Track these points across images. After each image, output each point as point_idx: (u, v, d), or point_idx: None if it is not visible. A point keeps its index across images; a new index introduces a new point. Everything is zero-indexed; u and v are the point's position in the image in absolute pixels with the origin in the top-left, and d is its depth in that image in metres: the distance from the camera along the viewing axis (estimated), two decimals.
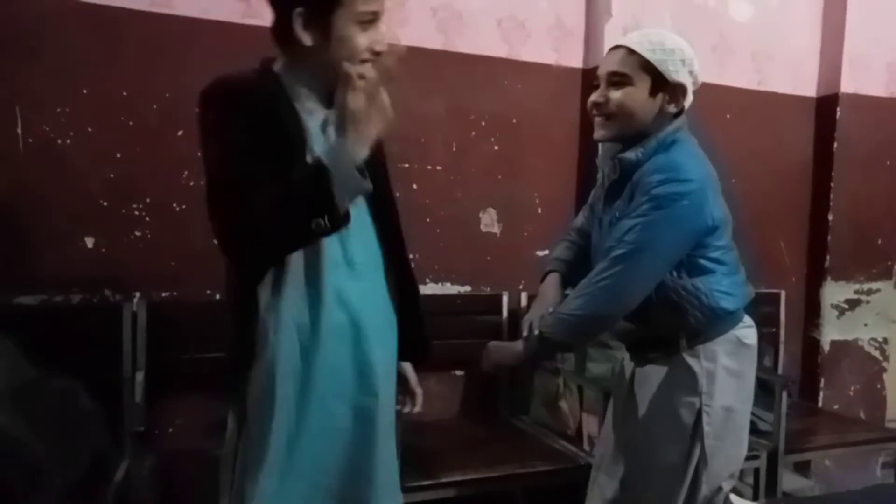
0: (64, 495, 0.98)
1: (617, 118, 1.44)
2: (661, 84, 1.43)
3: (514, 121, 2.60)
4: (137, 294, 2.11)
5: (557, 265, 1.66)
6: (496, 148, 2.58)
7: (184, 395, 2.15)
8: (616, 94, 1.43)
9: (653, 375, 1.53)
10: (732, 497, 1.53)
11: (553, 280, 1.63)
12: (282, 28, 1.24)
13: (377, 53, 1.24)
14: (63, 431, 0.96)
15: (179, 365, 2.11)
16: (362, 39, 1.23)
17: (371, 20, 1.23)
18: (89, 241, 2.08)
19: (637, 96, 1.42)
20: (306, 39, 1.21)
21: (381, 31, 1.26)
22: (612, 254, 1.39)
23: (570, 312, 1.43)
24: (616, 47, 1.46)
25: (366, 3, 1.21)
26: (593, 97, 1.46)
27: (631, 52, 1.43)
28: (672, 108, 1.45)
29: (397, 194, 2.40)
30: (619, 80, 1.43)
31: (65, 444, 0.94)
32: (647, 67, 1.42)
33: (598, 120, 1.48)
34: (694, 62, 1.46)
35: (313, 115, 1.28)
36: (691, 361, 1.47)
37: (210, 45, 2.17)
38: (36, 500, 0.94)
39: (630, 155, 1.44)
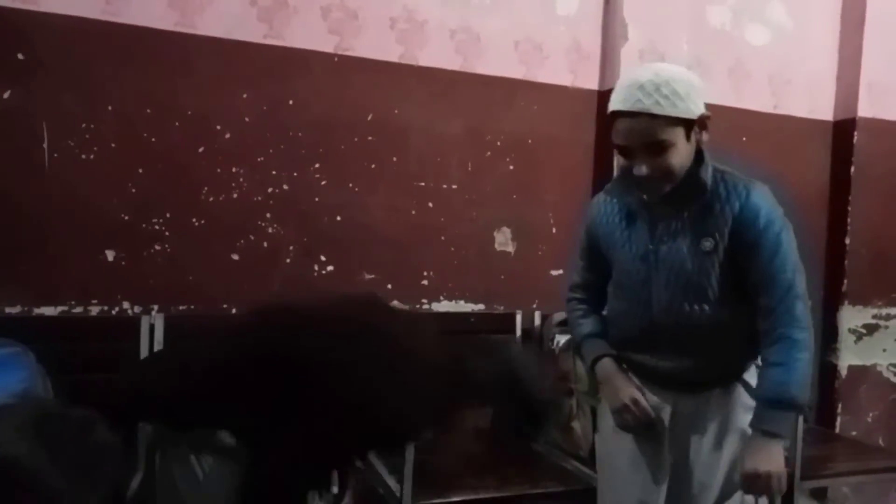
0: None
1: (669, 178, 1.40)
2: (690, 124, 1.39)
3: (530, 141, 2.62)
4: (155, 307, 2.14)
5: (602, 345, 1.63)
6: (511, 168, 2.60)
7: None
8: (661, 162, 1.38)
9: (710, 403, 1.53)
10: None
11: (614, 366, 1.60)
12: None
13: None
14: (83, 464, 0.97)
15: None
16: None
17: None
18: (110, 255, 2.11)
19: (680, 150, 1.39)
20: None
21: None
22: (781, 294, 1.41)
23: (806, 372, 1.40)
24: (634, 115, 1.36)
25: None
26: (641, 171, 1.38)
27: (654, 116, 1.35)
28: (705, 136, 1.44)
29: (412, 212, 2.46)
30: (657, 147, 1.37)
31: (84, 476, 0.95)
32: (676, 121, 1.37)
33: (649, 188, 1.43)
34: (699, 82, 1.42)
35: None
36: (749, 378, 1.52)
37: (232, 64, 2.22)
38: None
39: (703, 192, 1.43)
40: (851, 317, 3.02)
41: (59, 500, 0.89)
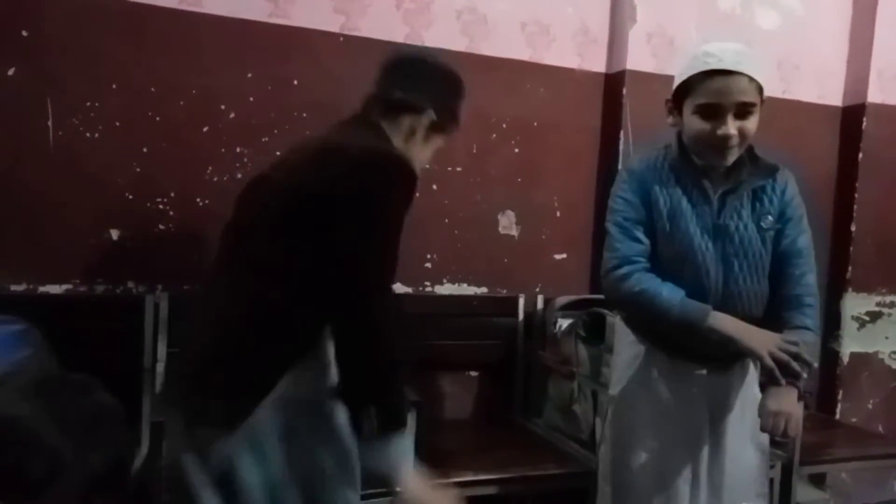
0: (84, 486, 1.01)
1: (744, 144, 1.51)
2: (762, 100, 1.51)
3: (536, 124, 2.60)
4: (160, 286, 2.15)
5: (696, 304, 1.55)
6: (517, 151, 2.59)
7: None
8: (745, 125, 1.47)
9: (734, 376, 1.64)
10: None
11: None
12: None
13: None
14: (84, 424, 0.99)
15: None
16: None
17: None
18: (114, 234, 2.12)
19: (757, 119, 1.50)
20: None
21: None
22: (806, 264, 1.58)
23: (814, 339, 1.56)
24: (732, 73, 1.44)
25: None
26: (729, 131, 1.45)
27: (751, 79, 1.45)
28: None
29: (416, 194, 2.44)
30: (747, 109, 1.47)
31: (85, 436, 0.97)
32: (761, 90, 1.49)
33: (726, 151, 1.49)
34: None
35: None
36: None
37: (237, 43, 2.21)
38: (55, 490, 0.97)
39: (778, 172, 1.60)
40: (855, 304, 3.02)
41: (60, 458, 0.90)
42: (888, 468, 2.88)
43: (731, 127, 1.45)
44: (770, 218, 1.57)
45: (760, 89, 1.48)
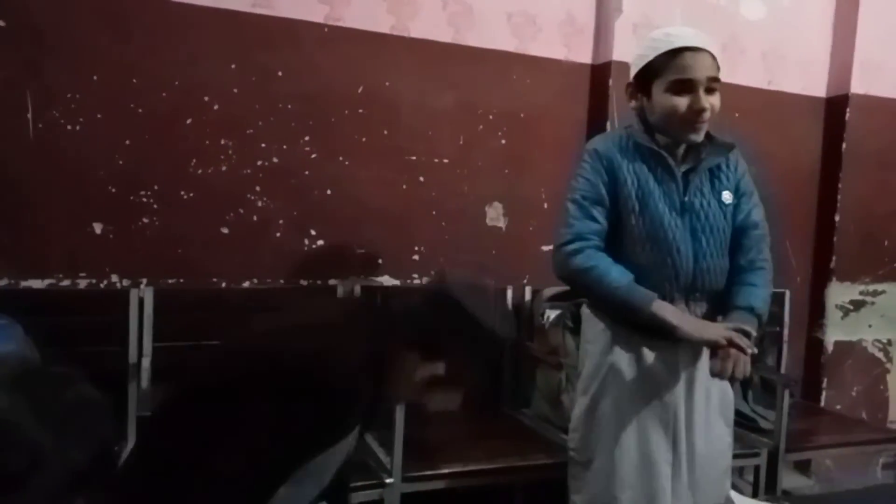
0: (66, 480, 0.99)
1: (712, 119, 1.55)
2: None
3: (522, 115, 2.60)
4: (144, 280, 2.12)
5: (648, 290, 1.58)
6: (503, 142, 2.58)
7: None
8: (714, 100, 1.53)
9: (700, 353, 1.64)
10: (732, 494, 1.54)
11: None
12: None
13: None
14: (65, 417, 0.97)
15: (185, 352, 2.13)
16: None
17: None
18: (97, 227, 2.09)
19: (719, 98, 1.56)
20: None
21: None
22: (761, 235, 1.66)
23: (767, 296, 1.63)
24: (699, 50, 1.51)
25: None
26: (701, 104, 1.50)
27: (713, 57, 1.52)
28: None
29: (403, 186, 2.44)
30: (714, 85, 1.53)
31: (66, 429, 0.95)
32: (718, 70, 1.54)
33: (699, 126, 1.54)
34: None
35: None
36: None
37: (220, 33, 2.18)
38: (35, 484, 0.95)
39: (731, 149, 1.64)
40: (839, 293, 3.05)
41: (42, 454, 0.89)
42: (872, 454, 2.92)
43: (705, 101, 1.51)
44: (728, 193, 1.63)
45: (718, 74, 1.54)
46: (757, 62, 2.95)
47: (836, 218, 3.01)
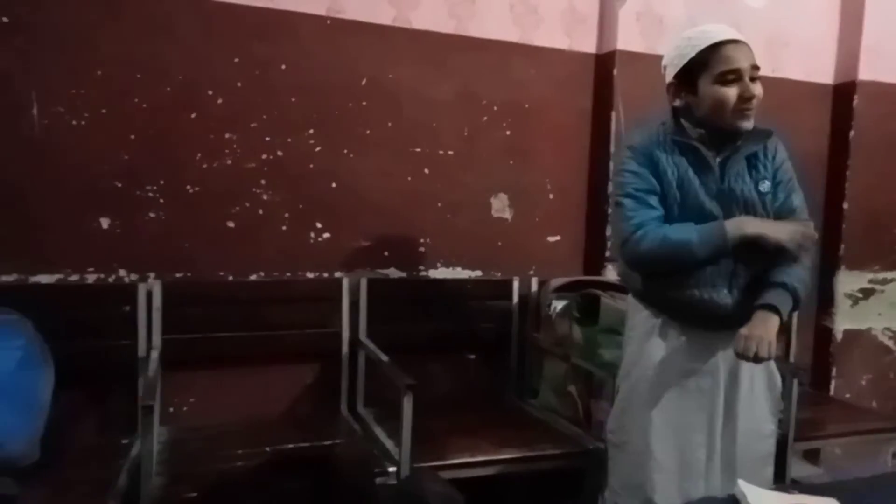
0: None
1: (756, 107, 1.58)
2: None
3: (526, 106, 2.59)
4: (152, 275, 2.14)
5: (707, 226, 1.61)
6: (508, 133, 2.58)
7: (197, 373, 2.19)
8: (758, 88, 1.57)
9: None
10: (740, 482, 1.53)
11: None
12: None
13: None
14: None
15: (194, 344, 2.14)
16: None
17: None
18: (104, 222, 2.10)
19: None
20: None
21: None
22: (799, 220, 1.65)
23: (803, 276, 1.61)
24: (739, 42, 1.56)
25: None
26: (751, 91, 1.55)
27: (749, 47, 1.57)
28: None
29: (408, 178, 2.44)
30: (756, 74, 1.57)
31: None
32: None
33: (749, 112, 1.58)
34: None
35: None
36: None
37: (223, 28, 2.18)
38: None
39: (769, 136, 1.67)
40: (848, 281, 3.03)
41: None
42: (881, 442, 2.90)
43: (753, 88, 1.56)
44: (767, 182, 1.64)
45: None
46: (761, 49, 2.87)
47: (845, 206, 2.99)
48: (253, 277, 2.27)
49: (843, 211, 2.99)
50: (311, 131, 2.31)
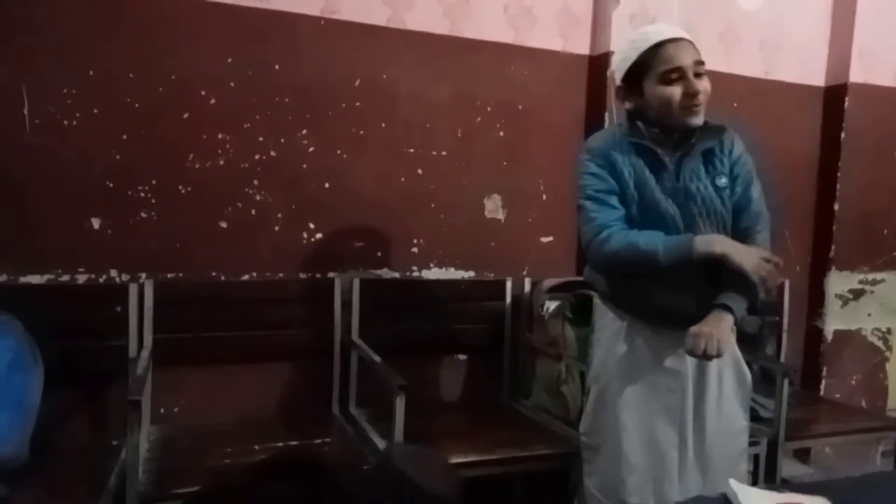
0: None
1: (705, 102, 1.60)
2: None
3: (520, 107, 2.60)
4: (143, 275, 2.13)
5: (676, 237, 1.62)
6: (501, 134, 2.58)
7: (189, 373, 2.18)
8: (704, 83, 1.59)
9: None
10: (731, 482, 1.54)
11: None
12: None
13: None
14: None
15: (185, 344, 2.13)
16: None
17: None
18: (95, 222, 2.09)
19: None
20: None
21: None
22: (756, 212, 1.67)
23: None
24: (679, 40, 1.58)
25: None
26: (694, 88, 1.56)
27: (692, 43, 1.59)
28: None
29: (402, 179, 2.44)
30: (700, 69, 1.58)
31: None
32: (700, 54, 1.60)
33: (697, 108, 1.59)
34: None
35: None
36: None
37: (215, 27, 2.18)
38: None
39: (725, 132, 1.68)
40: (838, 282, 3.05)
41: None
42: (871, 442, 2.93)
43: (697, 84, 1.57)
44: (724, 178, 1.65)
45: (699, 53, 1.60)
46: (754, 52, 2.95)
47: (836, 207, 3.01)
48: (245, 277, 2.26)
49: (835, 212, 3.01)
50: (305, 132, 2.31)
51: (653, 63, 1.58)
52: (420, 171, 2.47)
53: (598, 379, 1.76)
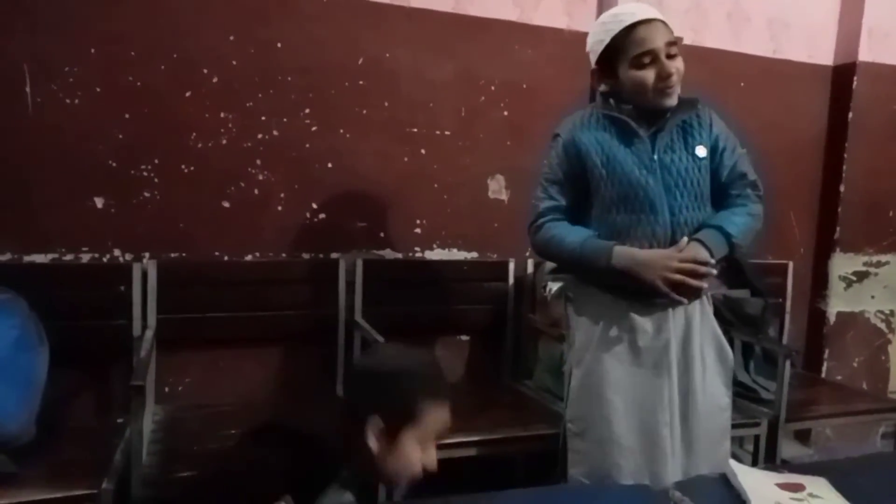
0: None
1: (679, 82, 1.59)
2: None
3: (524, 86, 2.57)
4: (147, 254, 2.13)
5: (604, 241, 1.64)
6: (505, 114, 2.56)
7: (193, 354, 2.19)
8: (678, 64, 1.57)
9: (695, 315, 1.68)
10: (731, 462, 1.55)
11: (630, 249, 1.62)
12: None
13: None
14: None
15: (189, 324, 2.14)
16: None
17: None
18: (98, 202, 2.09)
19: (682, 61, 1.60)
20: None
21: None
22: (749, 182, 1.70)
23: (750, 228, 1.66)
24: (651, 21, 1.56)
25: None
26: (667, 70, 1.55)
27: (664, 24, 1.57)
28: None
29: (405, 159, 2.43)
30: (673, 50, 1.56)
31: None
32: (673, 34, 1.59)
33: (670, 91, 1.58)
34: None
35: None
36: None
37: (218, 5, 2.15)
38: None
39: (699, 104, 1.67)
40: (842, 264, 3.04)
41: None
42: (871, 423, 2.95)
43: (669, 66, 1.56)
44: (701, 147, 1.65)
45: (676, 38, 1.59)
46: (762, 30, 2.90)
47: (842, 188, 2.99)
48: (248, 258, 2.27)
49: (840, 194, 2.99)
50: (308, 111, 2.29)
51: (625, 46, 1.56)
52: (423, 151, 2.46)
53: (580, 362, 1.71)
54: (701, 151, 1.64)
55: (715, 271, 1.59)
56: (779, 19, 2.92)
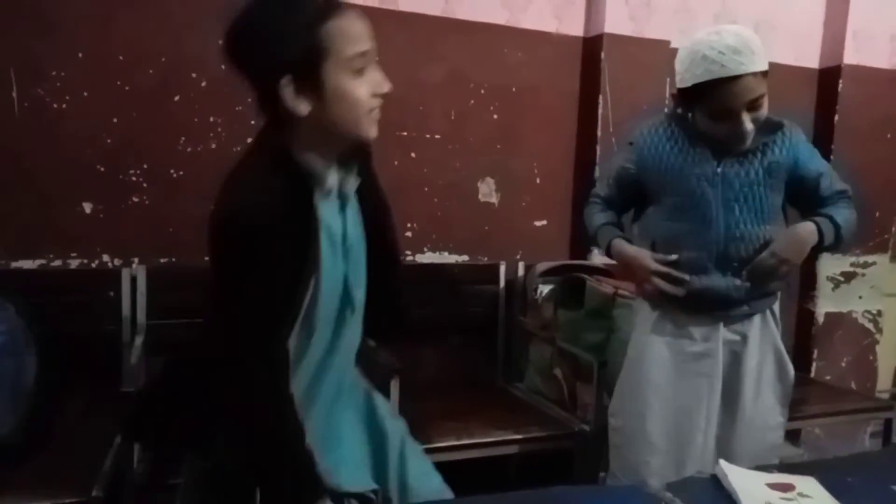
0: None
1: (757, 126, 1.55)
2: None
3: (514, 89, 2.58)
4: (136, 260, 2.12)
5: (615, 231, 1.77)
6: (495, 117, 2.57)
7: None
8: (759, 114, 1.53)
9: (752, 332, 1.70)
10: (721, 462, 1.56)
11: (628, 244, 1.73)
12: (270, 104, 1.09)
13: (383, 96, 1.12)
14: None
15: (178, 330, 2.13)
16: (361, 89, 1.09)
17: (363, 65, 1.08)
18: (87, 207, 2.08)
19: (766, 100, 1.55)
20: (302, 108, 1.05)
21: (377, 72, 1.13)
22: (837, 190, 1.68)
23: (849, 218, 1.67)
24: (739, 77, 1.46)
25: (352, 46, 1.06)
26: (744, 128, 1.51)
27: (755, 74, 1.48)
28: None
29: (395, 162, 2.43)
30: (757, 102, 1.51)
31: None
32: (765, 74, 1.52)
33: (743, 144, 1.57)
34: None
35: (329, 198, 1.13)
36: (776, 310, 1.77)
37: (205, 8, 2.14)
38: None
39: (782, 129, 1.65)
40: (830, 265, 3.07)
41: None
42: (860, 423, 2.97)
43: (747, 122, 1.51)
44: (780, 164, 1.61)
45: (765, 73, 1.51)
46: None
47: None
48: None
49: None
50: None
51: (707, 96, 1.51)
52: (413, 155, 2.46)
53: (630, 363, 1.77)
54: (778, 167, 1.60)
55: (687, 277, 1.61)
56: (765, 22, 2.94)
